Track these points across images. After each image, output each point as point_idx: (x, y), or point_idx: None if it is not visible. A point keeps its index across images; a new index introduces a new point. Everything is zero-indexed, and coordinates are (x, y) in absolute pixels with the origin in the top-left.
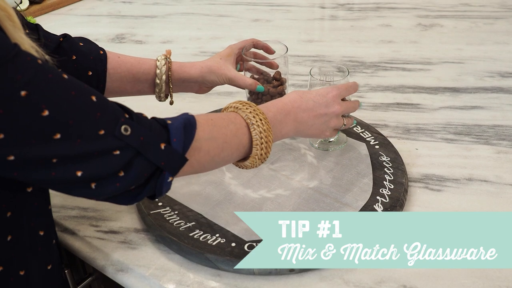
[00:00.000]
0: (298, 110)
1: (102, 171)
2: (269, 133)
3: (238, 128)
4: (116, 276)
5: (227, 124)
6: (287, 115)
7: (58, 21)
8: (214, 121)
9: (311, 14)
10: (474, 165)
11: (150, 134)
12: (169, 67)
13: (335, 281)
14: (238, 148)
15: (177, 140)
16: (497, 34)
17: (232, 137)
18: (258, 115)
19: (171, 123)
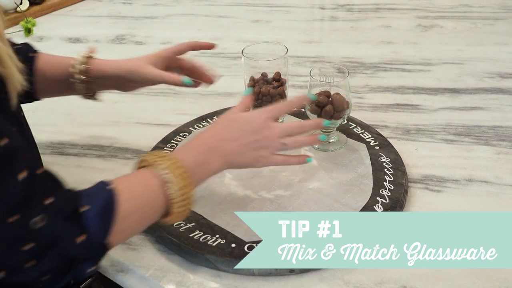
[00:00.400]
0: (223, 142)
1: (10, 263)
2: (188, 189)
3: (151, 192)
4: (116, 277)
5: (143, 193)
6: (211, 152)
7: (58, 22)
8: (132, 193)
9: (311, 15)
10: (474, 166)
11: (66, 226)
12: (86, 66)
13: (335, 281)
14: (157, 212)
15: (95, 230)
16: (497, 35)
17: (149, 205)
18: (174, 171)
19: (87, 211)
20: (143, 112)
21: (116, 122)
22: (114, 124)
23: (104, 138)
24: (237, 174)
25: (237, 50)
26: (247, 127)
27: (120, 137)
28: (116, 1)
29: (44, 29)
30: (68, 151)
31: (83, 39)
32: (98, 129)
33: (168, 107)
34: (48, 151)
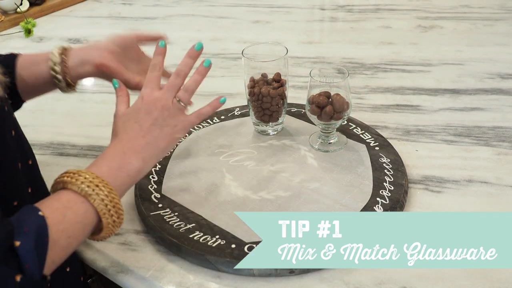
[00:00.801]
0: (131, 142)
1: None
2: (113, 195)
3: (76, 211)
4: (116, 278)
5: (69, 214)
6: (125, 154)
7: (59, 23)
8: (59, 215)
9: (311, 15)
10: (474, 167)
11: (2, 269)
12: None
13: (335, 282)
14: (86, 230)
15: (30, 265)
16: (497, 35)
17: (74, 227)
18: (93, 181)
19: (20, 246)
20: None
21: None
22: None
23: (104, 138)
24: (237, 175)
25: (237, 51)
26: (139, 115)
27: None
28: (116, 2)
29: (44, 30)
30: (68, 152)
31: (83, 39)
32: (98, 130)
33: None
34: (48, 152)
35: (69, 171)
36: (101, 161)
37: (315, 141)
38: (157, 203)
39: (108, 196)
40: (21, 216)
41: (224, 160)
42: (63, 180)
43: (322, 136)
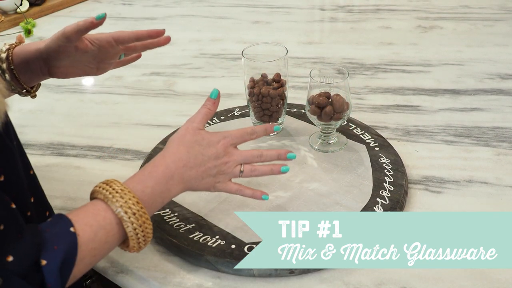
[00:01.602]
0: (184, 169)
1: None
2: (147, 225)
3: (108, 231)
4: (116, 278)
5: (94, 235)
6: (172, 179)
7: (58, 23)
8: (90, 235)
9: (311, 16)
10: (474, 167)
11: (23, 285)
12: (9, 54)
13: (335, 283)
14: (111, 249)
15: (52, 285)
16: (496, 36)
17: (103, 247)
18: (132, 207)
19: (46, 265)
20: (143, 113)
21: (116, 123)
22: (114, 125)
23: (104, 139)
24: None
25: (237, 51)
26: (208, 152)
27: (120, 138)
28: (116, 2)
29: (44, 30)
30: (68, 152)
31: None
32: (98, 130)
33: (168, 108)
34: (48, 152)
35: (110, 183)
36: (148, 180)
37: (315, 142)
38: None
39: (141, 226)
40: (53, 229)
41: None
42: (103, 193)
43: (322, 137)
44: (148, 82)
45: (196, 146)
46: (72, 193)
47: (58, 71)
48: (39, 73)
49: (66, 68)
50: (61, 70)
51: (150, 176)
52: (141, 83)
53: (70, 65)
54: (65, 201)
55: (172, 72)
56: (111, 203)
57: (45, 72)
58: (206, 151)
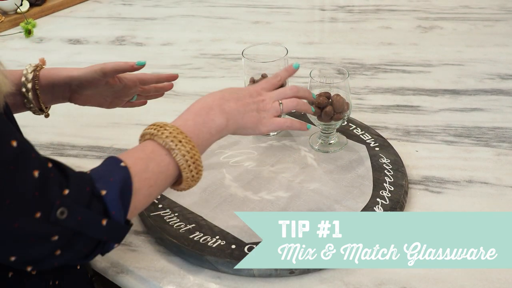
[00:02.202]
0: (223, 101)
1: (38, 255)
2: (193, 153)
3: (159, 162)
4: (117, 278)
5: (152, 165)
6: (212, 110)
7: (59, 24)
8: (141, 167)
9: (311, 16)
10: (474, 167)
11: (88, 213)
12: (36, 74)
13: (335, 283)
14: (167, 181)
15: (116, 212)
16: (496, 36)
17: (157, 177)
18: (177, 136)
19: (106, 194)
20: (143, 113)
21: (116, 123)
22: (114, 125)
23: (104, 139)
24: (238, 175)
25: (237, 52)
26: (242, 91)
27: (120, 138)
28: (116, 2)
29: (44, 30)
30: (68, 152)
31: (83, 40)
32: (98, 130)
33: (168, 108)
34: (48, 152)
35: (156, 123)
36: (187, 114)
37: (315, 142)
38: (157, 203)
39: (189, 152)
40: (105, 167)
41: (224, 160)
42: (150, 132)
43: (322, 137)
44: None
45: (228, 89)
46: None
47: (80, 98)
48: (60, 97)
49: (87, 97)
50: (83, 98)
51: (188, 111)
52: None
53: (92, 95)
54: None
55: (172, 72)
56: (157, 137)
57: (67, 97)
58: (240, 91)
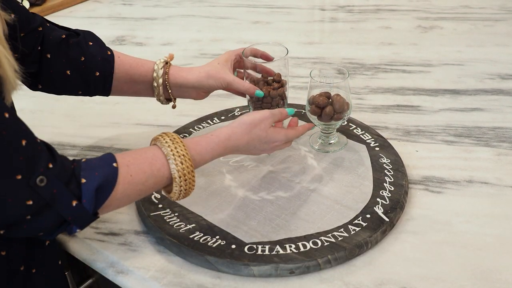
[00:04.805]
0: (237, 151)
1: (11, 217)
2: (190, 190)
3: (158, 181)
4: (116, 278)
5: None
6: (223, 152)
7: (59, 23)
8: (133, 177)
9: (311, 16)
10: (474, 167)
11: (64, 189)
12: (166, 71)
13: (335, 283)
14: (157, 185)
15: (87, 201)
16: (497, 36)
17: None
18: (186, 175)
19: (85, 183)
20: (143, 113)
21: (116, 123)
22: (114, 125)
23: (104, 139)
24: (238, 175)
25: None
26: (262, 143)
27: (121, 138)
28: (116, 2)
29: None
30: (69, 152)
31: None
32: (99, 130)
33: (168, 108)
34: None
35: (177, 146)
36: (207, 155)
37: (315, 142)
38: (157, 203)
39: (186, 190)
40: (99, 161)
41: (224, 160)
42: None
43: (322, 137)
44: None
45: (256, 141)
46: None
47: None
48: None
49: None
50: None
51: (210, 152)
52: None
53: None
54: None
55: None
56: (171, 163)
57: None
58: (261, 144)
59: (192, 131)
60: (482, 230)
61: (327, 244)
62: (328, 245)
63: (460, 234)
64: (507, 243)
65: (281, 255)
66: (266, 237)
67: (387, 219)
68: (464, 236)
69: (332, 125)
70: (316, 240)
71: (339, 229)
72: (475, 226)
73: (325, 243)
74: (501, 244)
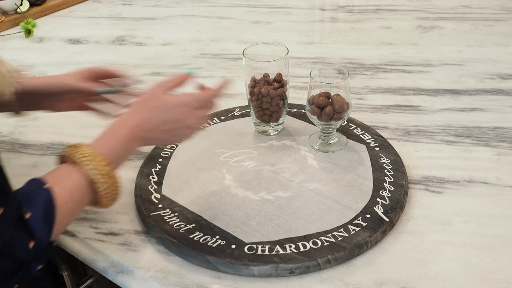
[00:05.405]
0: (147, 132)
1: None
2: (115, 184)
3: (83, 191)
4: (116, 278)
5: (75, 194)
6: (134, 141)
7: (59, 23)
8: (65, 194)
9: (311, 16)
10: (474, 167)
11: (15, 235)
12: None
13: (335, 283)
14: (85, 205)
15: (40, 233)
16: (497, 36)
17: (80, 204)
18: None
19: (31, 217)
20: None
21: None
22: None
23: None
24: (238, 175)
25: (237, 51)
26: (169, 116)
27: None
28: (117, 2)
29: (44, 30)
30: None
31: (83, 40)
32: (99, 130)
33: None
34: (48, 152)
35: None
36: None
37: (315, 142)
38: (157, 203)
39: (111, 186)
40: (28, 187)
41: (224, 160)
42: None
43: (322, 137)
44: (149, 82)
45: (158, 112)
46: None
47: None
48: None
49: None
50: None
51: (113, 140)
52: (141, 83)
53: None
54: None
55: (172, 72)
56: (81, 167)
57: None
58: (167, 116)
59: None
60: (482, 230)
61: (327, 244)
62: (328, 245)
63: (460, 234)
64: (507, 243)
65: (281, 255)
66: (266, 237)
67: (387, 219)
68: (464, 236)
69: (332, 125)
70: (316, 240)
71: (339, 229)
72: (475, 226)
73: (325, 243)
74: (501, 244)
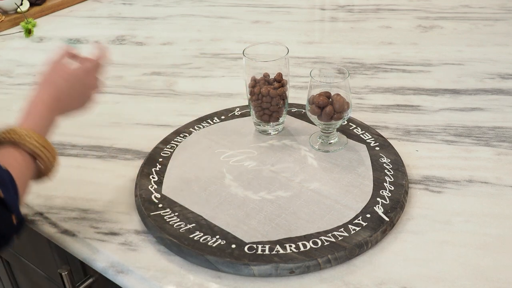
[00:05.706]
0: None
1: None
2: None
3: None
4: (116, 278)
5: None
6: (53, 113)
7: (59, 23)
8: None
9: (311, 15)
10: (474, 167)
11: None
12: None
13: (335, 283)
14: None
15: (16, 209)
16: (497, 35)
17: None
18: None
19: (5, 196)
20: (143, 113)
21: (116, 123)
22: (114, 125)
23: (104, 139)
24: (237, 175)
25: (237, 51)
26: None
27: (121, 138)
28: (117, 2)
29: (45, 30)
30: (69, 152)
31: (84, 40)
32: (99, 130)
33: (168, 108)
34: None
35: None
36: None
37: (315, 141)
38: (157, 203)
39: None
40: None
41: (224, 160)
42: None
43: (322, 136)
44: (149, 81)
45: (63, 81)
46: (72, 193)
47: None
48: None
49: None
50: None
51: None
52: (141, 83)
53: None
54: (65, 201)
55: (172, 71)
56: (26, 144)
57: None
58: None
59: (192, 131)
60: (482, 229)
61: (327, 243)
62: (328, 245)
63: (460, 233)
64: (507, 243)
65: (281, 254)
66: (266, 237)
67: (387, 218)
68: (464, 235)
69: (332, 124)
70: (316, 239)
71: (339, 228)
72: (475, 226)
73: (325, 243)
74: (501, 244)
